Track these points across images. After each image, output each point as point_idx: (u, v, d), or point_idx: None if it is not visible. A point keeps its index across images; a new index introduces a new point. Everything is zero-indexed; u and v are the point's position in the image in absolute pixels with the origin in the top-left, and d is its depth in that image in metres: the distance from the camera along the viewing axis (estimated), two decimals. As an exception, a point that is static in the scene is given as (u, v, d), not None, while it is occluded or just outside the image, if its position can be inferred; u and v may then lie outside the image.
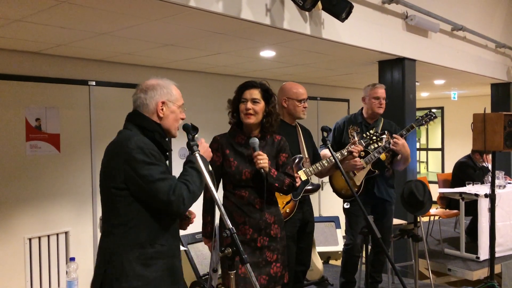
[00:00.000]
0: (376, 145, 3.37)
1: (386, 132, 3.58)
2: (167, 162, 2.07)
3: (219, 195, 2.65)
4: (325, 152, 3.67)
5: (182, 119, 2.13)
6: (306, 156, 3.17)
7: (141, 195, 1.89)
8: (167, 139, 2.08)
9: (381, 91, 3.79)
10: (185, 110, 2.15)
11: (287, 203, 3.04)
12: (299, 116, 3.18)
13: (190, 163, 2.02)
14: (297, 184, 2.96)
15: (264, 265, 2.49)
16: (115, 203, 1.91)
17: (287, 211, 3.02)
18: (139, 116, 2.01)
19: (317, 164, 3.15)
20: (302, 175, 3.07)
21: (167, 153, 2.09)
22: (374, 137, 3.26)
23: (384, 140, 3.49)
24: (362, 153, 3.62)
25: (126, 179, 1.87)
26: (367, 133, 3.34)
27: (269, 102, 2.56)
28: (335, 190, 3.85)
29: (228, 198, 2.57)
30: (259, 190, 2.51)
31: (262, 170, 2.41)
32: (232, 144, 2.56)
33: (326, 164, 3.13)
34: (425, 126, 3.75)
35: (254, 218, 2.49)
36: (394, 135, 3.55)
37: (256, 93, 2.53)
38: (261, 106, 2.52)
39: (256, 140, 2.45)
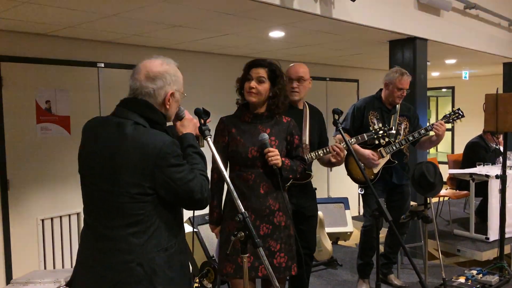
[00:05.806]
0: (383, 141, 3.29)
1: (393, 127, 3.53)
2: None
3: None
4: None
5: None
6: (306, 143, 3.01)
7: (172, 198, 1.74)
8: None
9: (407, 82, 3.68)
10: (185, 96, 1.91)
11: None
12: (290, 97, 2.98)
13: (193, 148, 1.85)
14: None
15: (266, 255, 2.27)
16: (134, 210, 1.70)
17: None
18: (150, 109, 1.77)
19: (312, 154, 2.98)
20: None
21: None
22: (381, 132, 3.19)
23: (393, 133, 3.48)
24: (383, 142, 3.58)
25: (157, 185, 1.69)
26: (375, 127, 3.28)
27: (276, 83, 2.43)
28: (352, 177, 3.81)
29: (233, 181, 2.41)
30: (266, 172, 2.42)
31: (274, 166, 2.35)
32: (238, 124, 2.48)
33: (321, 154, 2.98)
34: (448, 119, 3.73)
35: (257, 204, 2.40)
36: (437, 123, 3.55)
37: (262, 72, 2.41)
38: (265, 86, 2.41)
39: (266, 136, 2.36)
